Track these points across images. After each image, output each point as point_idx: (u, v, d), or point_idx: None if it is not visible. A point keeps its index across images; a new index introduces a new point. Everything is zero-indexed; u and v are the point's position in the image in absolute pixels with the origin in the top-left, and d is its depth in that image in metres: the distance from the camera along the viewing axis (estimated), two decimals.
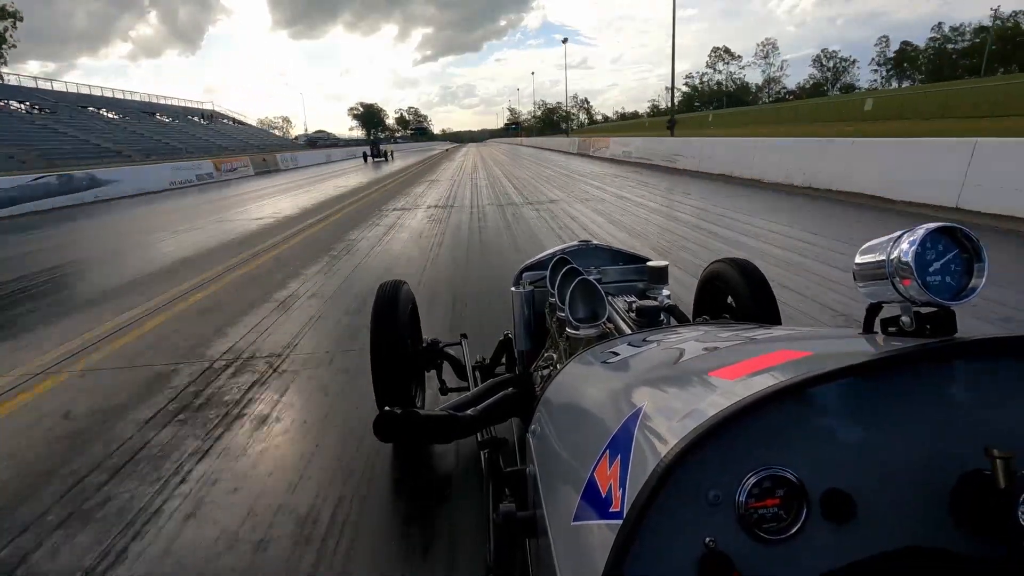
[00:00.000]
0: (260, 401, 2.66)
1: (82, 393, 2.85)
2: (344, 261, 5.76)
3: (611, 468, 0.59)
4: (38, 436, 2.44)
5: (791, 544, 0.51)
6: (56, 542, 1.75)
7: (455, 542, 1.68)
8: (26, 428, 2.52)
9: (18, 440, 2.42)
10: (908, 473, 0.52)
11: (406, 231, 7.47)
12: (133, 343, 3.57)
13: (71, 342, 3.65)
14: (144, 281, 5.34)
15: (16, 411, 2.70)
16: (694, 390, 0.65)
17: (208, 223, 9.36)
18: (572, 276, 1.48)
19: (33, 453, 2.30)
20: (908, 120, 30.35)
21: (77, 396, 2.82)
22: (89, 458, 2.22)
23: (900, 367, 0.54)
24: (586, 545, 0.57)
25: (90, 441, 2.36)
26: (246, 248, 6.81)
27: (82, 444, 2.34)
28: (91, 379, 3.03)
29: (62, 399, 2.79)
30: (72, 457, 2.24)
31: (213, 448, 2.25)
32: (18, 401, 2.80)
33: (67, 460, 2.22)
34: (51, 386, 2.96)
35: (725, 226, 6.33)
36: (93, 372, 3.12)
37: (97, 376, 3.06)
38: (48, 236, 9.19)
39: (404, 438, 1.15)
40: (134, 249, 7.40)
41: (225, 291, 4.79)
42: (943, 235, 0.59)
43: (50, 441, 2.38)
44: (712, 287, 2.14)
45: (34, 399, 2.81)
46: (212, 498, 1.93)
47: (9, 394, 2.88)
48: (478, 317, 3.69)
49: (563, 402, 0.93)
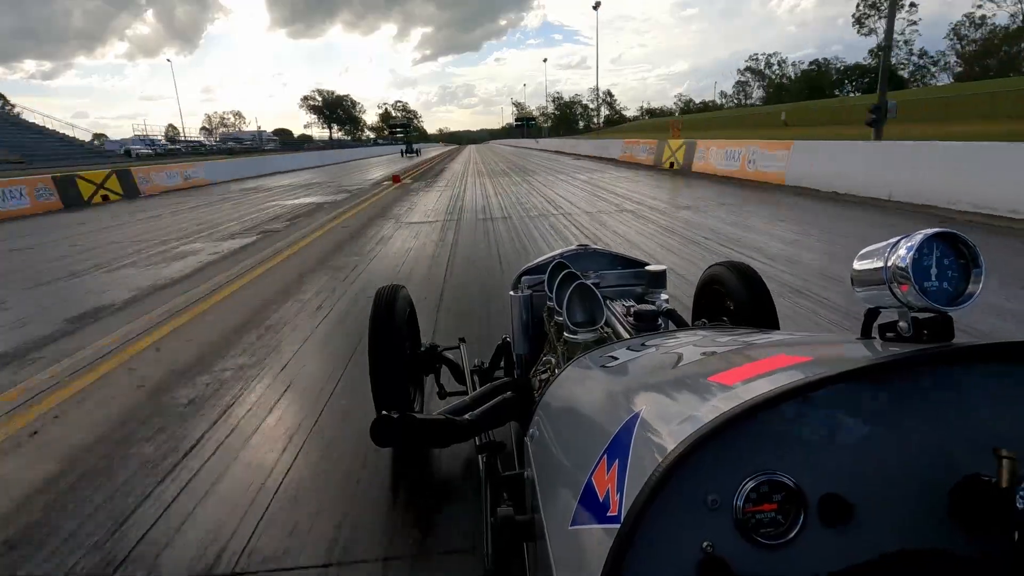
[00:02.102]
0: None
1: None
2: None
3: (609, 472, 0.59)
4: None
5: (789, 549, 0.51)
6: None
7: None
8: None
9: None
10: (905, 478, 0.52)
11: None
12: None
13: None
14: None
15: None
16: (692, 394, 0.65)
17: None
18: (570, 280, 1.48)
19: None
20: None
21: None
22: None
23: (897, 372, 0.54)
24: (584, 549, 0.57)
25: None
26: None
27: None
28: None
29: None
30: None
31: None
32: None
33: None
34: None
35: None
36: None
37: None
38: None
39: (401, 442, 1.14)
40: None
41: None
42: (941, 241, 0.59)
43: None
44: (711, 291, 2.14)
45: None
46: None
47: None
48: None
49: (561, 406, 0.93)
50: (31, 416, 2.69)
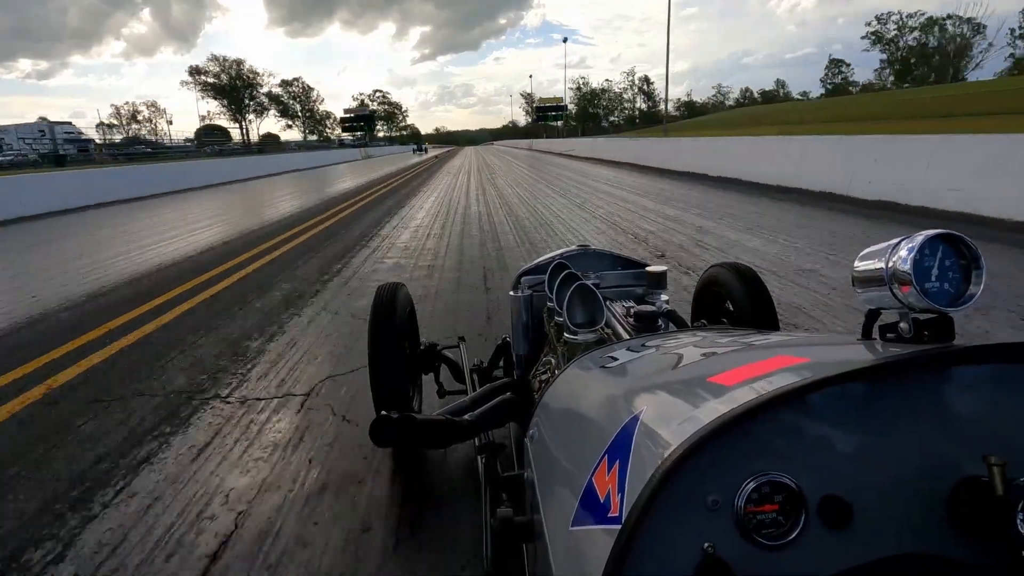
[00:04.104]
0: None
1: None
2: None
3: (610, 473, 0.59)
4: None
5: (789, 550, 0.51)
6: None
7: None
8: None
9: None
10: (906, 479, 0.52)
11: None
12: None
13: None
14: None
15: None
16: (693, 395, 0.65)
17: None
18: (570, 281, 1.48)
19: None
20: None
21: None
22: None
23: (898, 373, 0.54)
24: (584, 550, 0.57)
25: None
26: None
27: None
28: None
29: None
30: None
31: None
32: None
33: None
34: None
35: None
36: None
37: None
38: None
39: (401, 443, 1.14)
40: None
41: None
42: (941, 242, 0.59)
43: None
44: (710, 292, 2.14)
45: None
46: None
47: None
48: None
49: (561, 407, 0.92)
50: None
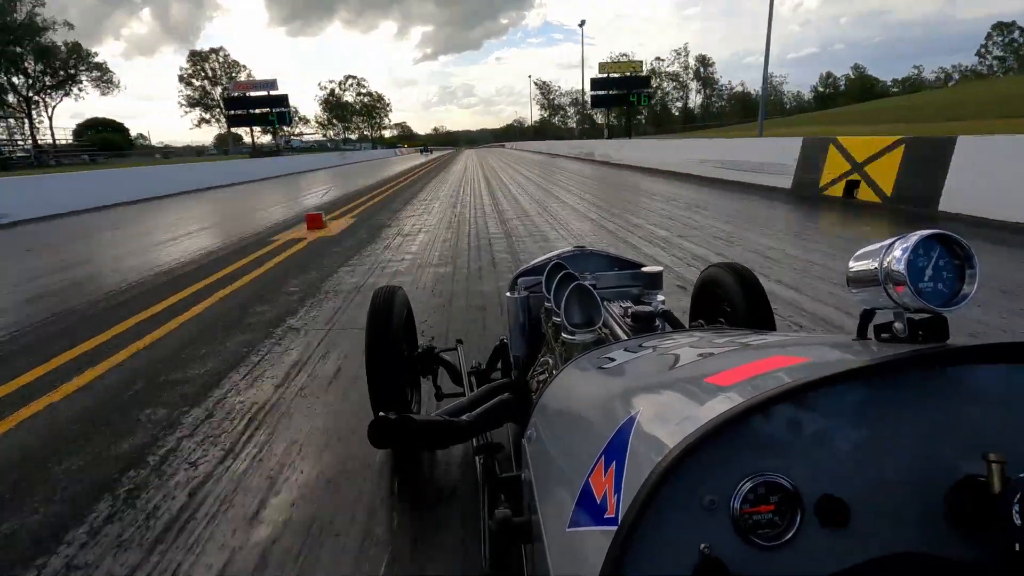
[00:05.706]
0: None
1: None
2: None
3: (606, 474, 0.59)
4: None
5: (785, 550, 0.51)
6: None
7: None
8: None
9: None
10: (902, 479, 0.52)
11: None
12: None
13: None
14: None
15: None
16: (689, 396, 0.65)
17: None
18: (567, 281, 1.48)
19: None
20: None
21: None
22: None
23: (893, 373, 0.54)
24: (581, 551, 0.57)
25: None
26: None
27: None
28: None
29: None
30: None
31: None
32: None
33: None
34: None
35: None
36: None
37: None
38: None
39: (399, 444, 1.14)
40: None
41: None
42: (936, 242, 0.59)
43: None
44: (708, 292, 2.14)
45: None
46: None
47: None
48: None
49: (559, 407, 0.92)
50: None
